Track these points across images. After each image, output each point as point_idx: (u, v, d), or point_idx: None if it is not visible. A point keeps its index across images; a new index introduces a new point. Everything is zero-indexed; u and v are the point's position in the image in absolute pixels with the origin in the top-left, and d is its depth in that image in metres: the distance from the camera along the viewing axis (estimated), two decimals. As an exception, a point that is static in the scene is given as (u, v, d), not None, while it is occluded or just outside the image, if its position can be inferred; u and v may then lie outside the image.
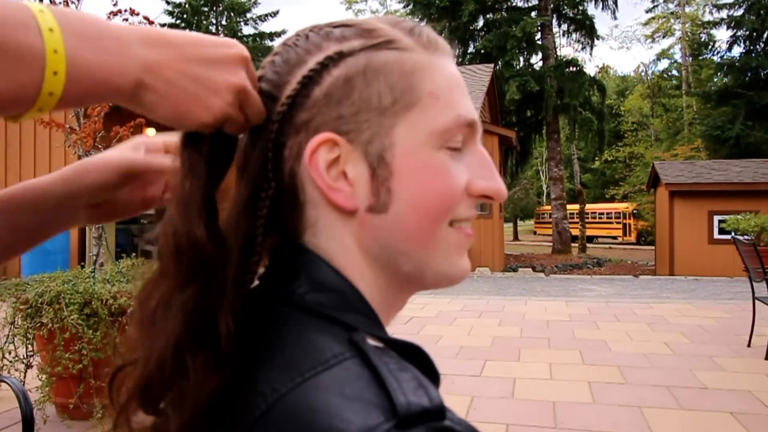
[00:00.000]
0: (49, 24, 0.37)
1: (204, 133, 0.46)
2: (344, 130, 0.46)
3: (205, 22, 28.16)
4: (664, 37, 35.67)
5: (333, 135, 0.46)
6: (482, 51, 21.33)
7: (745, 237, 8.67)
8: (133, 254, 4.42)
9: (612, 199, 34.17)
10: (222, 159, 0.48)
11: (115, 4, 3.88)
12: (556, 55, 22.60)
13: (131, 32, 0.42)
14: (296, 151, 0.47)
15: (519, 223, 42.54)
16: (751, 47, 23.09)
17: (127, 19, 3.83)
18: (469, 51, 22.66)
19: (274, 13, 30.22)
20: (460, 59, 22.10)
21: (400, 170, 0.46)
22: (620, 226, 32.34)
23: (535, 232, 41.38)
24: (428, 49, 0.49)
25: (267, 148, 0.48)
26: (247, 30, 29.66)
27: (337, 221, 0.47)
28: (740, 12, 23.18)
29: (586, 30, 22.82)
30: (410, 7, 22.53)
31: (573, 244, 21.82)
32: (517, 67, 21.56)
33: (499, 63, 20.50)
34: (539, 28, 21.60)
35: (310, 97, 0.47)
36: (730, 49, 24.47)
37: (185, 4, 27.85)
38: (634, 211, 29.90)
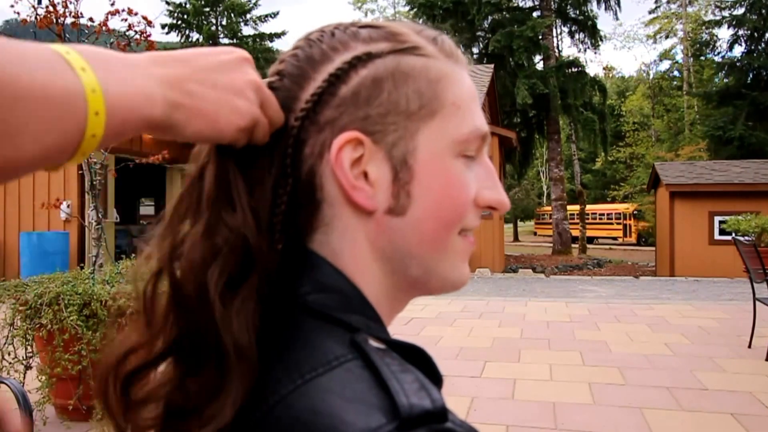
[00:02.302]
0: (80, 64, 0.35)
1: (237, 145, 0.46)
2: (370, 130, 0.46)
3: (205, 23, 28.17)
4: (666, 37, 35.69)
5: (359, 134, 0.46)
6: (490, 52, 21.13)
7: (746, 238, 8.65)
8: (133, 255, 4.42)
9: (613, 200, 34.19)
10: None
11: (112, 4, 3.86)
12: (557, 56, 22.60)
13: (140, 57, 0.41)
14: (319, 148, 0.47)
15: (519, 224, 42.58)
16: (753, 47, 23.09)
17: (126, 20, 3.82)
18: (474, 52, 22.58)
19: (275, 14, 30.24)
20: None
21: (421, 175, 0.47)
22: (621, 226, 32.37)
23: (535, 233, 41.41)
24: (450, 58, 0.50)
25: (288, 144, 0.48)
26: (248, 30, 29.66)
27: (353, 221, 0.47)
28: (741, 11, 23.19)
29: (589, 31, 22.82)
30: (414, 9, 22.47)
31: (573, 245, 21.82)
32: (527, 68, 21.45)
33: (510, 64, 20.42)
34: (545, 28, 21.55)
35: (336, 95, 0.47)
36: (731, 48, 24.51)
37: (185, 4, 27.85)
38: (635, 212, 29.91)
